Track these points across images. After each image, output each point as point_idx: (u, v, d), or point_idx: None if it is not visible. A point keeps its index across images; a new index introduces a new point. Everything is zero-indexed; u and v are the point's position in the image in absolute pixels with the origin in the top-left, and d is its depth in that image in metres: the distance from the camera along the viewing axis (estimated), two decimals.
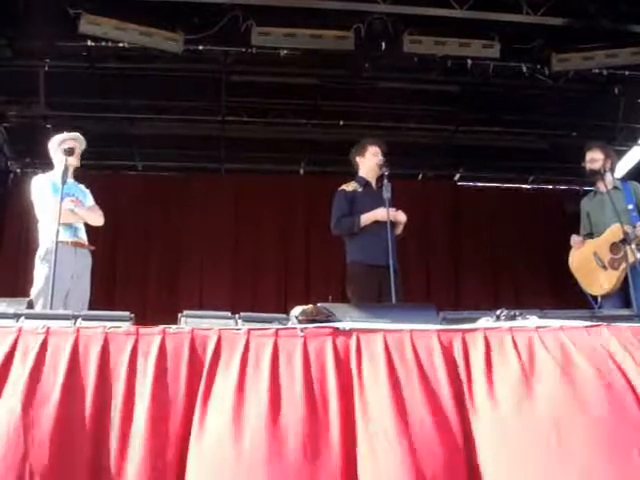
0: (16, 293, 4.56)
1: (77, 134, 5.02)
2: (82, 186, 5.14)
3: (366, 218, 5.04)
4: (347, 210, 5.18)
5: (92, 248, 4.97)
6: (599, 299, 4.99)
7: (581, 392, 2.68)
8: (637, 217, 4.99)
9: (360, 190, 5.29)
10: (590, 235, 5.29)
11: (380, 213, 4.93)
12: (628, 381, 2.74)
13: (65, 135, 4.98)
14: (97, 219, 4.99)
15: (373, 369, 2.79)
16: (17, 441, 2.50)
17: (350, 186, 5.32)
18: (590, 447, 2.55)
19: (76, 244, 4.79)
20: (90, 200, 5.10)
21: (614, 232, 4.97)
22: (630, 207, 5.07)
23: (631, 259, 4.79)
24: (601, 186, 5.24)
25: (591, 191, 5.50)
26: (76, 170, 5.03)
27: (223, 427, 2.60)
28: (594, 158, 5.25)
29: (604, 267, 4.99)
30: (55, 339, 2.77)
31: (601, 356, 2.85)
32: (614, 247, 4.97)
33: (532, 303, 4.06)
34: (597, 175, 5.19)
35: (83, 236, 4.91)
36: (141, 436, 2.59)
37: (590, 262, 5.08)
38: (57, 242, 4.27)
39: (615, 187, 5.24)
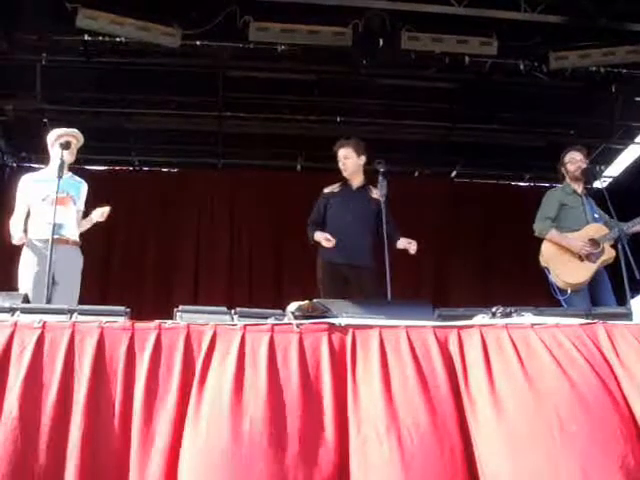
0: (12, 288, 4.56)
1: (75, 130, 4.99)
2: (78, 179, 5.11)
3: (317, 237, 5.14)
4: (318, 214, 5.36)
5: (78, 243, 4.94)
6: (568, 291, 5.06)
7: (579, 389, 2.70)
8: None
9: (336, 190, 5.35)
10: (553, 222, 5.33)
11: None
12: (617, 381, 2.77)
13: (63, 130, 4.95)
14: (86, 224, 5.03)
15: (367, 367, 2.80)
16: (15, 435, 2.51)
17: (330, 187, 5.41)
18: (589, 441, 2.57)
19: (57, 241, 4.64)
20: (83, 197, 5.07)
21: (594, 229, 5.17)
22: (596, 215, 5.30)
23: (609, 256, 5.04)
24: (577, 187, 5.41)
25: (557, 186, 5.61)
26: (71, 164, 5.02)
27: (219, 423, 2.61)
28: (580, 159, 5.43)
29: (581, 259, 5.11)
30: (51, 334, 2.77)
31: (594, 354, 2.87)
32: (593, 242, 5.11)
33: (527, 300, 4.07)
34: (586, 175, 5.42)
35: (67, 233, 4.81)
36: (137, 431, 2.59)
37: (566, 253, 5.17)
38: (52, 240, 4.29)
39: (585, 194, 5.45)
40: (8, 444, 2.49)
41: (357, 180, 5.35)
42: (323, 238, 5.04)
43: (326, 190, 5.41)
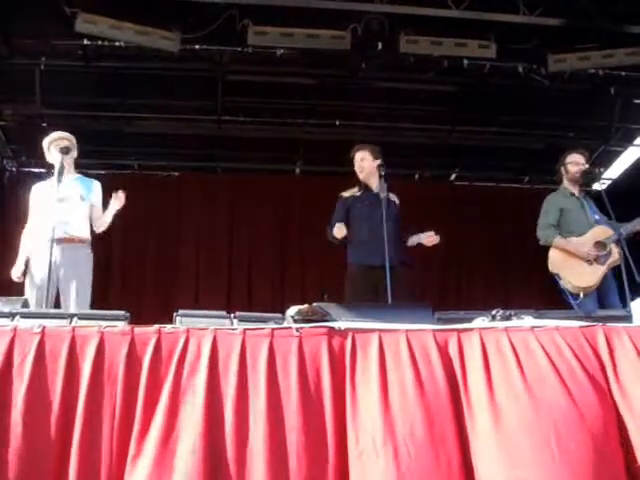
0: (13, 292, 4.56)
1: (67, 133, 5.02)
2: (88, 179, 5.15)
3: (337, 229, 5.05)
4: (341, 217, 5.22)
5: (85, 240, 4.92)
6: (581, 295, 5.05)
7: (577, 405, 2.69)
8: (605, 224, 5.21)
9: (358, 195, 5.33)
10: (556, 228, 5.35)
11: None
12: (608, 385, 2.78)
13: (57, 134, 4.98)
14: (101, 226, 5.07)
15: (367, 373, 2.80)
16: (20, 447, 2.52)
17: (349, 192, 5.38)
18: (584, 461, 2.57)
19: (62, 240, 4.66)
20: (97, 193, 5.09)
21: (600, 231, 5.17)
22: (597, 217, 5.31)
23: (616, 257, 5.03)
24: (574, 189, 5.44)
25: (556, 190, 5.61)
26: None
27: (220, 428, 2.61)
28: (582, 162, 5.45)
29: (589, 262, 5.10)
30: (51, 340, 2.77)
31: (590, 358, 2.87)
32: (599, 245, 5.11)
33: (527, 302, 4.07)
34: (589, 176, 5.52)
35: (72, 230, 4.80)
36: (137, 436, 2.59)
37: (573, 258, 5.16)
38: (52, 240, 4.29)
39: (583, 195, 5.47)
40: (15, 457, 2.50)
41: (374, 183, 5.32)
42: (337, 229, 5.01)
43: (346, 194, 5.37)
